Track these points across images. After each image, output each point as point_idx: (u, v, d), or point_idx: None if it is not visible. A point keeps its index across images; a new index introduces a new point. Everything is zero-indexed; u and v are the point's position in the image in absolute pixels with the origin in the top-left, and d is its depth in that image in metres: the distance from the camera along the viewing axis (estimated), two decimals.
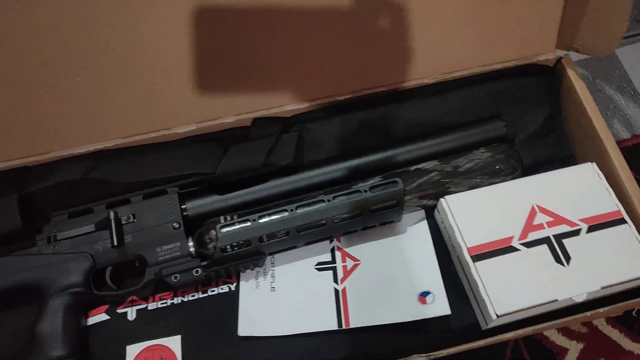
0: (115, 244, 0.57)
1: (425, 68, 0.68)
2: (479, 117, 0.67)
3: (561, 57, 0.70)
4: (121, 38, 0.56)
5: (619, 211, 0.60)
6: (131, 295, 0.60)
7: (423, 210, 0.65)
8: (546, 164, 0.68)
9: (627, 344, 0.65)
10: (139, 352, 0.57)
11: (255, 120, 0.65)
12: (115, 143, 0.64)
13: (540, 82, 0.70)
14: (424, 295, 0.59)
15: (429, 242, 0.63)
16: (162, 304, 0.60)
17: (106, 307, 0.60)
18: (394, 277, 0.60)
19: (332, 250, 0.63)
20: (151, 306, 0.60)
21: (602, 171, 0.63)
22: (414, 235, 0.64)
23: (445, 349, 0.55)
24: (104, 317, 0.60)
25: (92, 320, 0.60)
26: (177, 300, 0.60)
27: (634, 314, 0.66)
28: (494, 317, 0.55)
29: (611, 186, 0.62)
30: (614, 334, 0.65)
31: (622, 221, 0.60)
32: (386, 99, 0.68)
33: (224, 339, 0.57)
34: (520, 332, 0.58)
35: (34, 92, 0.58)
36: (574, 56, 0.70)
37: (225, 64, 0.62)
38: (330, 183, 0.63)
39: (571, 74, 0.68)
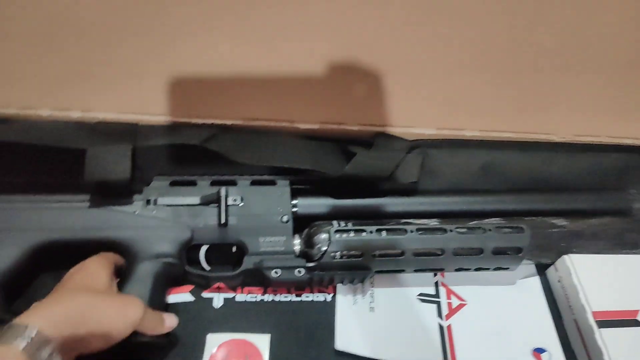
0: (222, 222, 0.54)
1: (558, 125, 0.66)
2: (604, 186, 0.65)
3: None
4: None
5: None
6: (223, 280, 0.56)
7: (534, 265, 0.61)
8: None
9: None
10: (222, 343, 0.52)
11: (379, 135, 0.63)
12: (233, 122, 0.61)
13: None
14: (538, 351, 0.54)
15: (542, 298, 0.59)
16: (251, 297, 0.56)
17: (191, 287, 0.56)
18: (505, 327, 0.55)
19: (436, 284, 0.59)
20: (239, 297, 0.56)
21: None
22: (525, 289, 0.59)
23: None
24: (187, 297, 0.55)
25: (174, 298, 0.55)
26: (267, 297, 0.56)
27: None
28: None
29: None
30: None
31: None
32: (513, 145, 0.66)
33: (317, 348, 0.52)
34: None
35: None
36: None
37: (358, 73, 0.61)
38: (447, 215, 0.60)
39: None
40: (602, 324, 0.53)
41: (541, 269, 0.61)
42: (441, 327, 0.55)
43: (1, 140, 0.53)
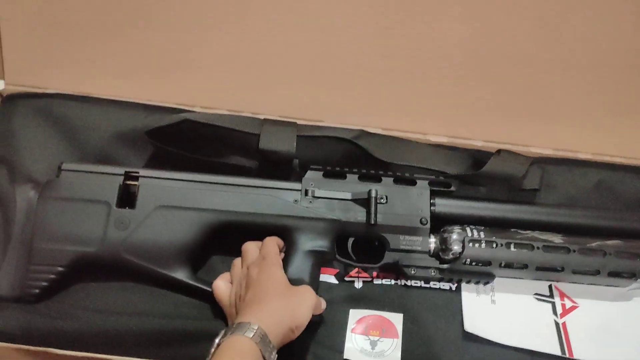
0: (372, 222, 0.61)
1: None
2: None
3: None
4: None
5: None
6: (367, 270, 0.64)
7: None
8: None
9: None
10: (362, 318, 0.60)
11: (503, 150, 0.70)
12: (374, 130, 0.71)
13: None
14: None
15: None
16: (386, 282, 0.64)
17: (336, 271, 0.65)
18: (618, 329, 0.61)
19: (550, 287, 0.65)
20: (376, 281, 0.64)
21: None
22: (635, 296, 0.64)
23: None
24: (332, 279, 0.64)
25: (320, 278, 0.63)
26: (400, 282, 0.64)
27: None
28: None
29: None
30: None
31: None
32: (625, 167, 0.72)
33: (445, 329, 0.60)
34: None
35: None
36: None
37: (483, 90, 0.69)
38: (569, 227, 0.64)
39: None
40: None
41: None
42: (557, 324, 0.61)
43: (191, 120, 0.64)
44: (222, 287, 0.58)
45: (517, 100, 0.70)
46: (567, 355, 0.57)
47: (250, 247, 0.60)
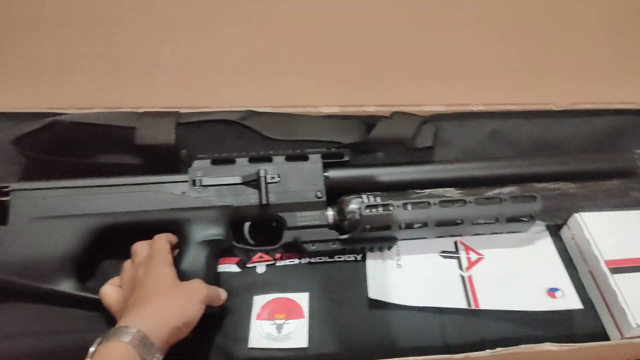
0: (264, 202, 0.59)
1: (556, 94, 0.72)
2: (601, 148, 0.70)
3: None
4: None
5: None
6: (269, 252, 0.62)
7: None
8: None
9: None
10: (266, 303, 0.58)
11: (395, 113, 0.69)
12: (263, 109, 0.68)
13: None
14: (553, 290, 0.59)
15: (551, 247, 0.64)
16: (290, 262, 0.62)
17: (237, 259, 0.62)
18: (520, 273, 0.61)
19: (455, 243, 0.64)
20: (279, 263, 0.62)
21: None
22: (537, 240, 0.65)
23: (577, 343, 0.54)
24: (234, 268, 0.61)
25: (222, 268, 0.61)
26: (304, 260, 0.62)
27: None
28: (634, 325, 0.53)
29: None
30: None
31: None
32: (515, 114, 0.72)
33: (351, 299, 0.58)
34: None
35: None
36: None
37: (372, 58, 0.68)
38: (465, 181, 0.65)
39: None
40: (615, 270, 0.58)
41: (553, 229, 0.66)
42: (462, 278, 0.60)
43: (61, 122, 0.60)
44: (110, 292, 0.54)
45: (407, 61, 0.69)
46: (474, 307, 0.56)
47: (140, 247, 0.56)
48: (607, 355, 0.59)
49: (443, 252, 0.63)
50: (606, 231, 0.61)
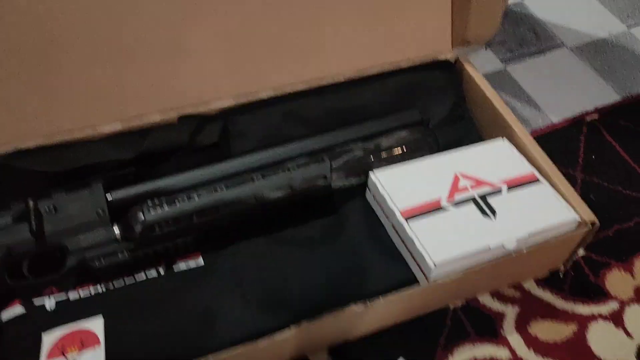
0: (34, 230, 0.54)
1: (340, 65, 0.74)
2: (393, 108, 0.72)
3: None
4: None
5: (533, 174, 0.65)
6: (50, 284, 0.56)
7: None
8: (458, 146, 0.72)
9: (560, 303, 0.66)
10: (58, 340, 0.53)
11: (181, 118, 0.66)
12: (36, 143, 0.62)
13: (444, 76, 0.77)
14: None
15: None
16: (84, 294, 0.57)
17: (19, 301, 0.56)
18: None
19: None
20: (72, 296, 0.56)
21: None
22: None
23: (382, 295, 0.55)
24: (19, 310, 0.55)
25: (6, 315, 0.55)
26: (102, 288, 0.57)
27: (560, 276, 0.69)
28: (432, 266, 0.56)
29: None
30: (547, 296, 0.67)
31: (537, 182, 0.64)
32: (306, 92, 0.73)
33: (153, 319, 0.55)
34: None
35: None
36: None
37: (147, 58, 0.64)
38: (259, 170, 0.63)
39: (469, 68, 0.77)
40: (410, 218, 0.60)
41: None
42: None
43: None
44: None
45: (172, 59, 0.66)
46: None
47: None
48: (418, 302, 0.61)
49: None
50: (398, 184, 0.63)
